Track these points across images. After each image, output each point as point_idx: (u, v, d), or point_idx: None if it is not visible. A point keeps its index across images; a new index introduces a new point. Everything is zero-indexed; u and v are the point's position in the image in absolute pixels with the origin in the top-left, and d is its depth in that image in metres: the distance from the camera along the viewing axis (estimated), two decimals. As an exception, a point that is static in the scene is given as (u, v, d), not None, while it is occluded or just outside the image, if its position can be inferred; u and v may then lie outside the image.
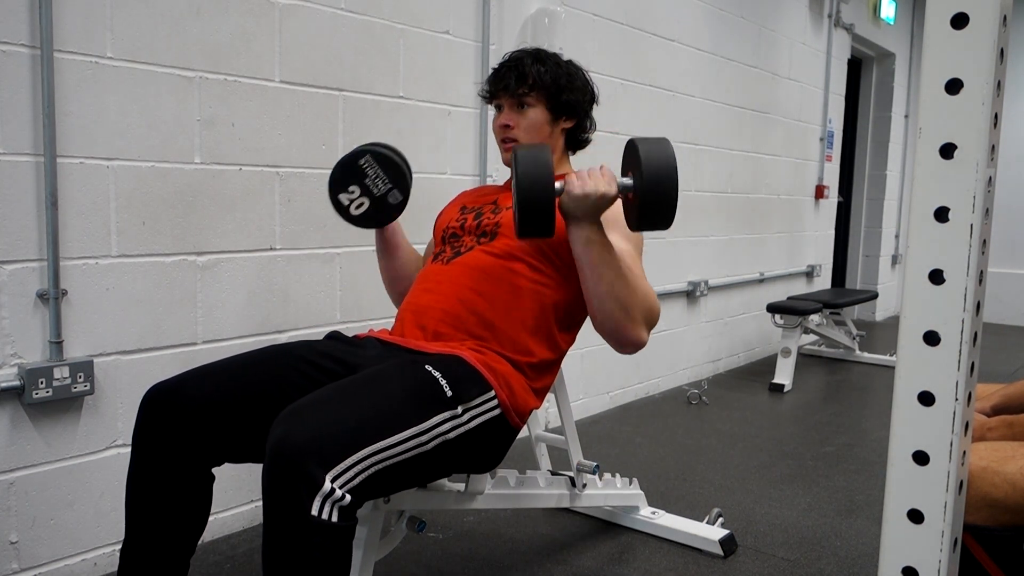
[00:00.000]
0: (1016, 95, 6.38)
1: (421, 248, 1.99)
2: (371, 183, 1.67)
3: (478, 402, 1.42)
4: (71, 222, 1.82)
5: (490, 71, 1.80)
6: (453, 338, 1.56)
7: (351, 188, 1.66)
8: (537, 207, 1.37)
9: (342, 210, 1.69)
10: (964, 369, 0.77)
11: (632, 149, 1.44)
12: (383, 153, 1.69)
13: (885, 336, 5.80)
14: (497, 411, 1.46)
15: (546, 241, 1.60)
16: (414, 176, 2.58)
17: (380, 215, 1.72)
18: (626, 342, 1.54)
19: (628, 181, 1.44)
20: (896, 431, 0.80)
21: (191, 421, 1.37)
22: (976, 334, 0.78)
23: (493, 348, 1.55)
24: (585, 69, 1.80)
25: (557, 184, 1.41)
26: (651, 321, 1.56)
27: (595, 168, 1.46)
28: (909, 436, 0.80)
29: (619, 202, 1.66)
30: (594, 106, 1.81)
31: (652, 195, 1.38)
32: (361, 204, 1.68)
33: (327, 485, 1.14)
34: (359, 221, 1.71)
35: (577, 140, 1.82)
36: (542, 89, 1.70)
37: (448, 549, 2.13)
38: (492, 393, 1.46)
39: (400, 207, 1.72)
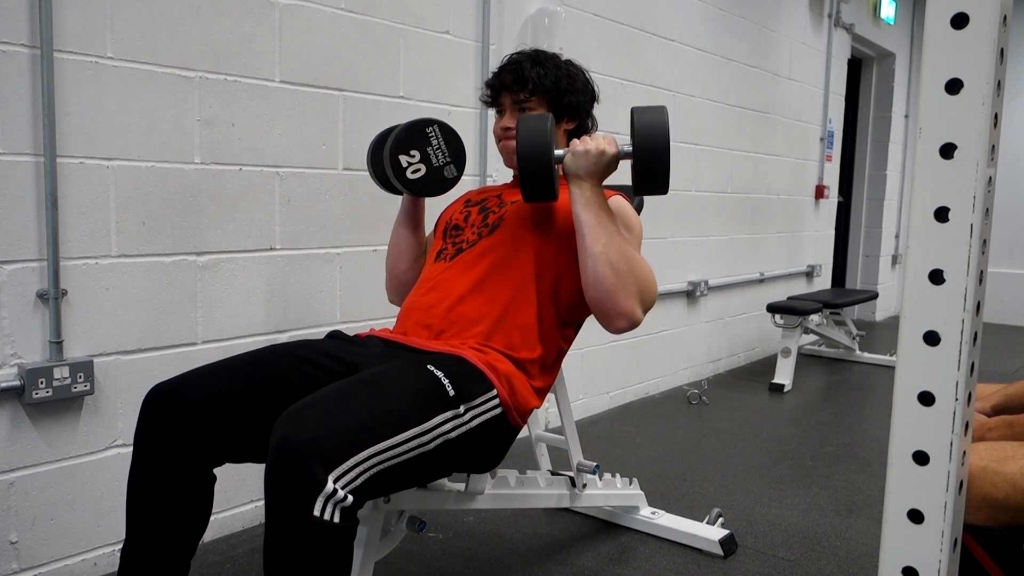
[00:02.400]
0: (1016, 95, 6.38)
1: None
2: (432, 152, 1.69)
3: (480, 401, 1.42)
4: (71, 222, 1.82)
5: (490, 71, 1.80)
6: (456, 337, 1.56)
7: (412, 152, 1.67)
8: (540, 167, 1.47)
9: (399, 171, 1.68)
10: (964, 369, 0.77)
11: (632, 117, 1.53)
12: (449, 127, 1.71)
13: (885, 336, 5.80)
14: (499, 410, 1.46)
15: (552, 238, 1.61)
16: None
17: (431, 185, 1.72)
18: (617, 312, 1.53)
19: (627, 148, 1.53)
20: (896, 431, 0.80)
21: (192, 421, 1.37)
22: (976, 334, 0.78)
23: (495, 347, 1.55)
24: (585, 69, 1.80)
25: (559, 151, 1.53)
26: (645, 298, 1.58)
27: (598, 134, 1.56)
28: (909, 436, 0.80)
29: (626, 202, 1.69)
30: (595, 105, 1.81)
31: (646, 153, 1.47)
32: (418, 170, 1.69)
33: (329, 486, 1.14)
34: (411, 186, 1.70)
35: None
36: (543, 93, 1.70)
37: (448, 549, 2.13)
38: (494, 392, 1.46)
39: (453, 183, 1.74)
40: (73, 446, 1.87)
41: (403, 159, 1.67)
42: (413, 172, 1.68)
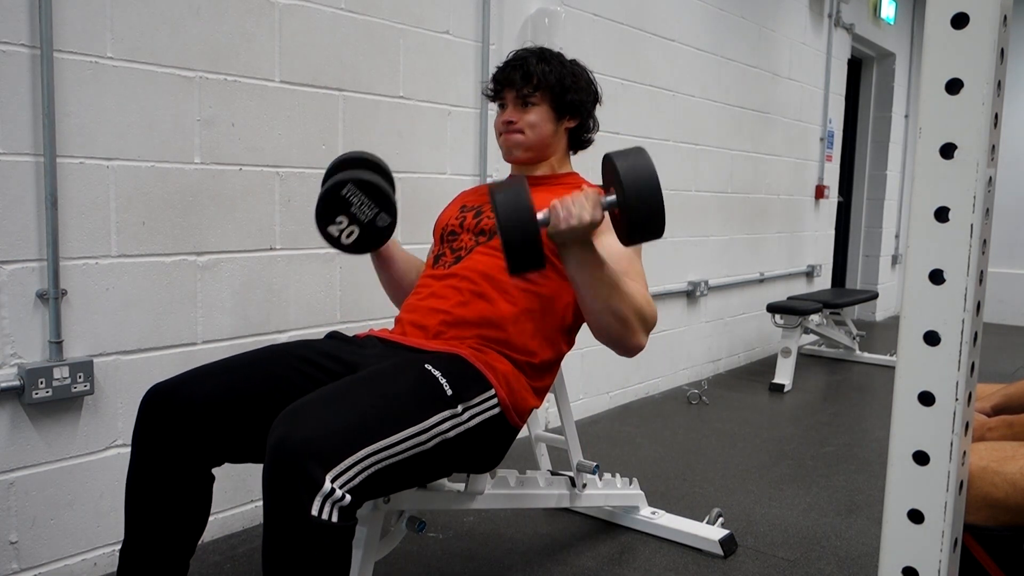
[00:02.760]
0: (1016, 95, 6.38)
1: (424, 249, 1.99)
2: (357, 210, 1.63)
3: (478, 400, 1.42)
4: (71, 222, 1.82)
5: (490, 71, 1.80)
6: (454, 338, 1.56)
7: (338, 219, 1.63)
8: (523, 247, 1.33)
9: (333, 241, 1.66)
10: (964, 369, 0.76)
11: (610, 165, 1.38)
12: (363, 179, 1.63)
13: (885, 336, 5.80)
14: (497, 410, 1.46)
15: (548, 245, 1.61)
16: (414, 176, 2.60)
17: (372, 240, 1.68)
18: (624, 351, 1.56)
19: (611, 198, 1.39)
20: (896, 431, 0.80)
21: (191, 421, 1.37)
22: (976, 334, 0.78)
23: (494, 348, 1.55)
24: (589, 70, 1.80)
25: (540, 215, 1.37)
26: (649, 326, 1.56)
27: (578, 192, 1.39)
28: (909, 436, 0.80)
29: None
30: (597, 106, 1.82)
31: (637, 209, 1.33)
32: (351, 232, 1.65)
33: (327, 485, 1.14)
34: (352, 249, 1.68)
35: (580, 140, 1.83)
36: (547, 89, 1.71)
37: (448, 549, 2.13)
38: (492, 392, 1.46)
39: (390, 229, 1.68)
40: (73, 446, 1.87)
41: (332, 230, 1.63)
42: (347, 236, 1.64)
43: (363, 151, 1.79)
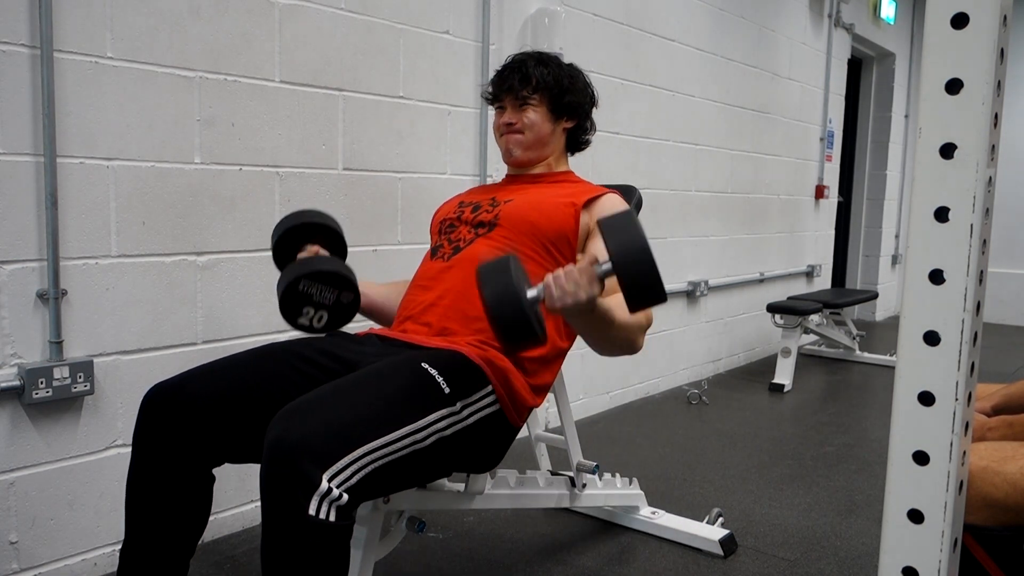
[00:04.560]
0: (1016, 95, 6.38)
1: (423, 249, 1.99)
2: (320, 298, 1.63)
3: (476, 398, 1.42)
4: (71, 222, 1.82)
5: (490, 71, 1.82)
6: (456, 333, 1.56)
7: (304, 310, 1.62)
8: (515, 328, 1.25)
9: (306, 329, 1.65)
10: (964, 369, 0.76)
11: (602, 234, 1.31)
12: (314, 271, 1.60)
13: (885, 336, 5.80)
14: (496, 407, 1.46)
15: (547, 238, 1.61)
16: (414, 176, 2.60)
17: (343, 316, 1.66)
18: (630, 354, 1.57)
19: (606, 267, 1.30)
20: (896, 431, 0.80)
21: (191, 421, 1.37)
22: (976, 334, 0.78)
23: (493, 344, 1.55)
24: (585, 72, 1.82)
25: (532, 293, 1.29)
26: (645, 329, 1.56)
27: (572, 268, 1.30)
28: (909, 436, 0.80)
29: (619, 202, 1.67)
30: (594, 109, 1.84)
31: (632, 282, 1.26)
32: (321, 318, 1.64)
33: (324, 484, 1.14)
34: (328, 329, 1.66)
35: (577, 141, 1.85)
36: (545, 90, 1.73)
37: (448, 549, 2.13)
38: (490, 388, 1.46)
39: (356, 302, 1.65)
40: (73, 446, 1.87)
41: (303, 320, 1.62)
42: (319, 322, 1.64)
43: (302, 211, 1.75)
